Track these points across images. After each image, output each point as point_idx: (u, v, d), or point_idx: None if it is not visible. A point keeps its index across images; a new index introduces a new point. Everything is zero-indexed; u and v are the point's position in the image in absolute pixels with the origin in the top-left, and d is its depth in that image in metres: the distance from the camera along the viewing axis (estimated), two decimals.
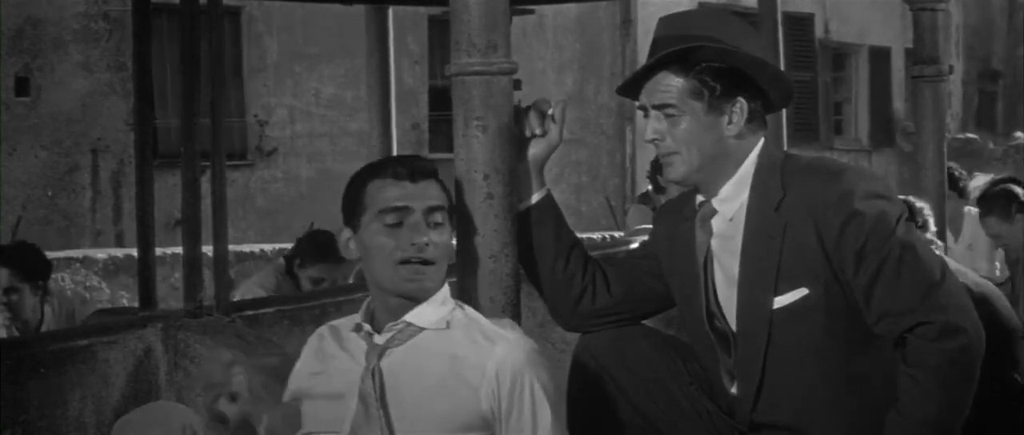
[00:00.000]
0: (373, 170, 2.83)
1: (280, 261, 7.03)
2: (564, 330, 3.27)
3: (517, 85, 2.98)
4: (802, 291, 2.94)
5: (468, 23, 2.90)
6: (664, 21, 3.07)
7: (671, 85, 2.99)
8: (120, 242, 12.92)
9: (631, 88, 3.08)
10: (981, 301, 3.21)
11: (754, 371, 3.00)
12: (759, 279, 2.97)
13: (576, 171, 16.95)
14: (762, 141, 3.05)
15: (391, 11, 5.77)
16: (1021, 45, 24.39)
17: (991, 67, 24.62)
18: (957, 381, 2.85)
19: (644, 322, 3.24)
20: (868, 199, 2.91)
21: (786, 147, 5.08)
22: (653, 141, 3.04)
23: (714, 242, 3.06)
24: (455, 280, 2.94)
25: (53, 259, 8.42)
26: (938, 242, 4.22)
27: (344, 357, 2.86)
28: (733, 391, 3.07)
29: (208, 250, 4.22)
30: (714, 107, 2.99)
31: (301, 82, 14.71)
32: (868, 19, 20.98)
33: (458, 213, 2.93)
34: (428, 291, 2.79)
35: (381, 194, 2.78)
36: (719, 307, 3.06)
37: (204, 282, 4.24)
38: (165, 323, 4.04)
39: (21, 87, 12.76)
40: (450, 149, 2.99)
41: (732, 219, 3.03)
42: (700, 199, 3.09)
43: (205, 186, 4.14)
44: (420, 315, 2.80)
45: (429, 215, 2.77)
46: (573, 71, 17.10)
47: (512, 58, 2.94)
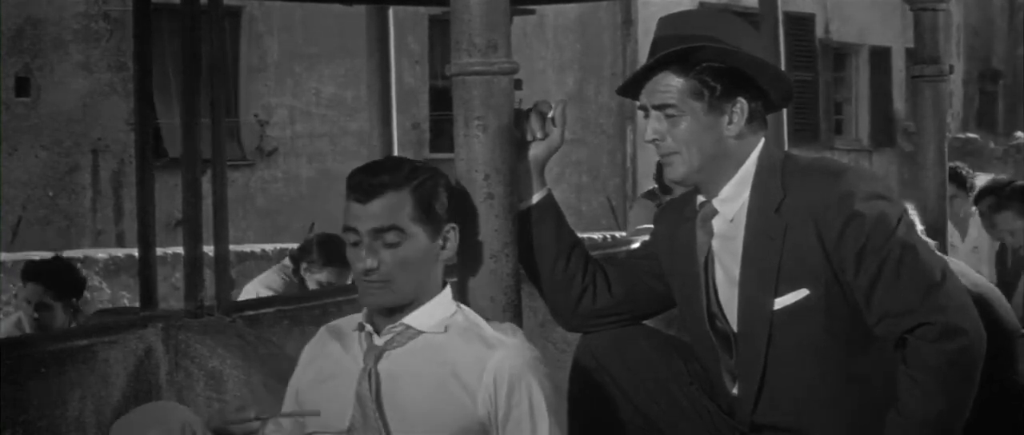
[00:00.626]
0: (348, 178, 2.80)
1: (286, 262, 7.01)
2: (565, 330, 3.26)
3: (517, 85, 2.98)
4: (803, 292, 2.94)
5: (468, 23, 2.89)
6: (664, 21, 3.06)
7: (671, 85, 2.99)
8: (121, 242, 12.93)
9: (631, 88, 3.08)
10: (980, 302, 3.20)
11: (755, 371, 3.00)
12: (760, 280, 2.97)
13: (576, 171, 16.95)
14: (762, 141, 3.05)
15: (391, 11, 5.76)
16: (1021, 45, 24.40)
17: (991, 67, 24.62)
18: (957, 382, 2.85)
19: (645, 322, 3.23)
20: (868, 200, 2.91)
21: (786, 147, 5.07)
22: (653, 141, 3.04)
23: (715, 243, 3.06)
24: (455, 280, 2.94)
25: (40, 258, 8.41)
26: (929, 241, 4.21)
27: (345, 357, 2.85)
28: (734, 391, 3.07)
29: (209, 250, 4.22)
30: (714, 107, 2.99)
31: (301, 82, 14.72)
32: (868, 19, 20.99)
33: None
34: (387, 305, 2.78)
35: (344, 208, 2.78)
36: (720, 307, 3.06)
37: (205, 282, 4.23)
38: (166, 323, 4.04)
39: (21, 87, 12.76)
40: (450, 149, 2.99)
41: (733, 220, 3.03)
42: (701, 199, 3.09)
43: (206, 186, 4.13)
44: (418, 318, 2.80)
45: (376, 237, 2.73)
46: (573, 71, 17.10)
47: (512, 58, 2.93)
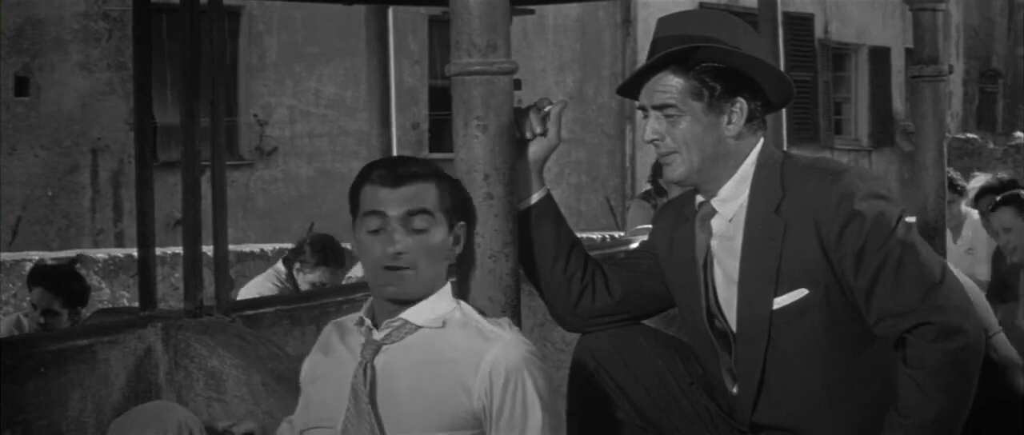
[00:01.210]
0: (365, 171, 2.85)
1: (279, 266, 7.03)
2: (564, 330, 3.26)
3: (517, 85, 2.98)
4: (802, 291, 2.94)
5: (468, 23, 2.89)
6: (664, 21, 3.06)
7: (671, 85, 2.99)
8: (120, 242, 12.93)
9: (631, 88, 3.08)
10: None
11: (754, 371, 3.00)
12: (759, 279, 2.97)
13: (576, 171, 16.95)
14: (762, 141, 3.05)
15: (391, 11, 5.76)
16: (1021, 45, 24.43)
17: (991, 67, 24.64)
18: (957, 381, 2.85)
19: (644, 322, 3.23)
20: (868, 199, 2.91)
21: (786, 147, 5.07)
22: (653, 141, 3.04)
23: (714, 242, 3.06)
24: (455, 280, 2.94)
25: (53, 259, 8.45)
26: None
27: (345, 352, 2.87)
28: (733, 391, 3.07)
29: (208, 250, 4.21)
30: (714, 107, 2.99)
31: (301, 82, 14.71)
32: (868, 19, 21.00)
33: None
34: (408, 294, 2.80)
35: (364, 197, 2.80)
36: (719, 307, 3.06)
37: (204, 282, 4.23)
38: (165, 323, 4.04)
39: (21, 87, 12.76)
40: (450, 149, 2.98)
41: (732, 219, 3.03)
42: (700, 199, 3.09)
43: (205, 186, 4.13)
44: (417, 313, 2.81)
45: (407, 220, 2.76)
46: (573, 71, 17.10)
47: (512, 58, 2.93)
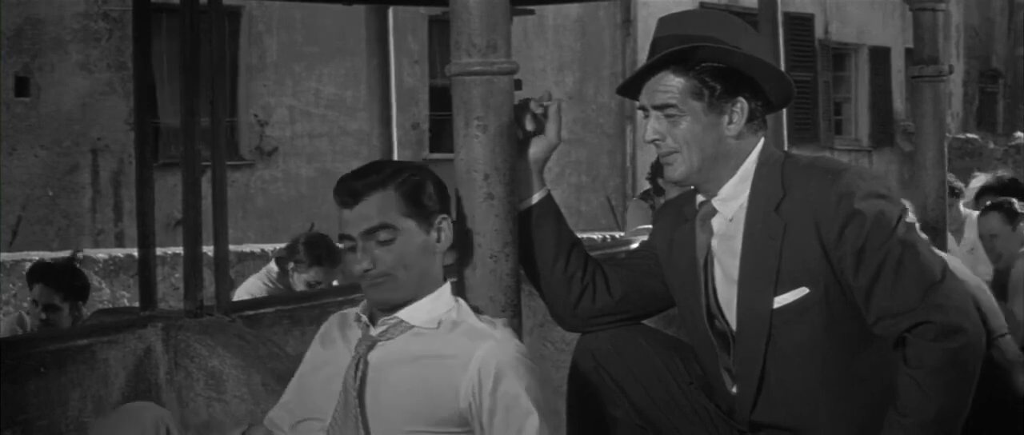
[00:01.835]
0: (334, 190, 2.86)
1: (271, 266, 7.05)
2: (564, 330, 3.26)
3: (517, 85, 2.98)
4: (802, 291, 2.94)
5: (468, 23, 2.89)
6: (664, 21, 3.06)
7: (671, 85, 2.99)
8: (120, 242, 12.93)
9: (631, 88, 3.08)
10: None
11: (754, 371, 3.00)
12: (759, 279, 2.97)
13: (576, 171, 16.95)
14: (762, 141, 3.05)
15: (391, 11, 5.76)
16: (1021, 45, 24.43)
17: (991, 67, 24.65)
18: (957, 381, 2.85)
19: (644, 322, 3.23)
20: (868, 199, 2.91)
21: (786, 147, 5.07)
22: (653, 141, 3.04)
23: (714, 242, 3.06)
24: (455, 280, 2.94)
25: (53, 259, 8.45)
26: (924, 236, 4.22)
27: (342, 345, 2.89)
28: (733, 391, 3.07)
29: (208, 250, 4.22)
30: (714, 107, 2.99)
31: (301, 82, 14.71)
32: (868, 19, 21.00)
33: (458, 212, 2.93)
34: (394, 300, 2.83)
35: (338, 220, 2.85)
36: (719, 307, 3.06)
37: (204, 282, 4.23)
38: (165, 323, 4.04)
39: (21, 87, 12.75)
40: (450, 149, 2.99)
41: (732, 219, 3.03)
42: (700, 199, 3.09)
43: (205, 186, 4.13)
44: (413, 313, 2.83)
45: (369, 237, 2.79)
46: (573, 71, 17.09)
47: (512, 58, 2.94)
